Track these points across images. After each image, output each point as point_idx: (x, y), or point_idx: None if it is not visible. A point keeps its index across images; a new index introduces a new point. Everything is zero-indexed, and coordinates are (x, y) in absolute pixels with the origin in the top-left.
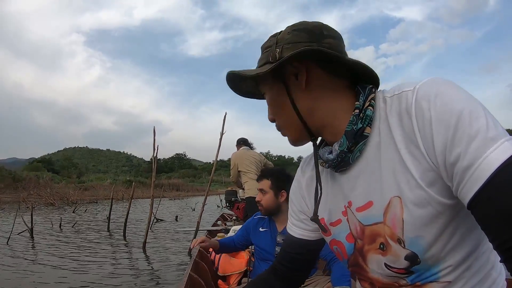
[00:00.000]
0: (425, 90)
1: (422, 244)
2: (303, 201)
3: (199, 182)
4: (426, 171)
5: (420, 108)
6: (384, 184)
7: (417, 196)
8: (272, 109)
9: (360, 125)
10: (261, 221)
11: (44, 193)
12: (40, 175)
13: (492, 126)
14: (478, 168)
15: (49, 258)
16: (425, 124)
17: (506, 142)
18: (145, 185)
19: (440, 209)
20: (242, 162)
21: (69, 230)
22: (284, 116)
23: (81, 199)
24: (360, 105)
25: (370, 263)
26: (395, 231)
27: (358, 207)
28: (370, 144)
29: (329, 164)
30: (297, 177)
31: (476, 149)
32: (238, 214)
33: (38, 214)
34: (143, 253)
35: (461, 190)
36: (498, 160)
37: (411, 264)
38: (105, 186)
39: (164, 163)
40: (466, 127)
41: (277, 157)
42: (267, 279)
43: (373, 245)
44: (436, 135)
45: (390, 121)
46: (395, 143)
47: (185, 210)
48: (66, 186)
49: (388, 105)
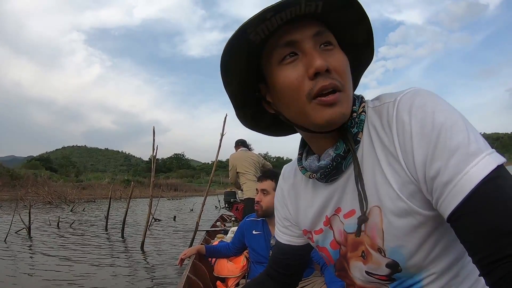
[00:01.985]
0: (405, 103)
1: (403, 253)
2: (286, 208)
3: (197, 183)
4: (405, 183)
5: (400, 121)
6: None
7: (397, 207)
8: (338, 63)
9: (356, 130)
10: (254, 224)
11: (42, 191)
12: (38, 173)
13: (473, 140)
14: (458, 183)
15: (47, 257)
16: (405, 137)
17: (487, 157)
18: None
19: (422, 220)
20: (241, 163)
21: (67, 229)
22: (348, 80)
23: (79, 198)
24: (356, 109)
25: (353, 270)
26: (375, 241)
27: (345, 213)
28: (358, 151)
29: (321, 172)
30: (279, 185)
31: (456, 164)
32: (237, 215)
33: (36, 213)
34: (141, 253)
35: (440, 204)
36: (479, 176)
37: (393, 271)
38: (103, 185)
39: (162, 163)
40: (447, 141)
41: (276, 158)
42: (262, 282)
43: (356, 253)
44: (416, 149)
45: (371, 132)
46: (375, 154)
47: (183, 210)
48: (64, 184)
49: (369, 117)
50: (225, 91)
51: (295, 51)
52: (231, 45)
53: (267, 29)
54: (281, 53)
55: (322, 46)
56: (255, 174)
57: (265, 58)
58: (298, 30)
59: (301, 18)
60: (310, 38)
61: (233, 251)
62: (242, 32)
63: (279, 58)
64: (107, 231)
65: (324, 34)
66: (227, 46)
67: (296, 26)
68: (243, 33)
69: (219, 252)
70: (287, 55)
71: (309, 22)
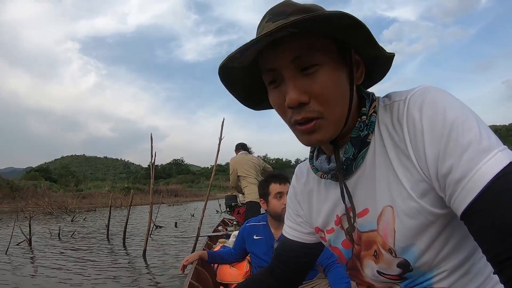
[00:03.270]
0: (415, 100)
1: (414, 252)
2: (299, 205)
3: (198, 187)
4: (417, 182)
5: (411, 118)
6: (377, 193)
7: (409, 207)
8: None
9: (366, 132)
10: (254, 229)
11: (42, 202)
12: (38, 184)
13: (485, 136)
14: (471, 180)
15: (49, 269)
16: (417, 135)
17: (499, 153)
18: (143, 192)
19: (432, 219)
20: (241, 167)
21: (68, 239)
22: (333, 103)
23: (80, 208)
24: (367, 111)
25: (366, 268)
26: (387, 241)
27: (357, 213)
28: (369, 151)
29: (332, 174)
30: (292, 184)
31: (468, 160)
32: (238, 219)
33: (36, 224)
34: (143, 261)
35: (453, 201)
36: (491, 172)
37: (404, 271)
38: (103, 194)
39: (162, 169)
40: (459, 138)
41: (275, 160)
42: (264, 278)
43: (369, 252)
44: (428, 146)
45: (382, 131)
46: (387, 153)
47: (185, 216)
48: (64, 194)
49: (380, 116)
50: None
51: (275, 78)
52: (223, 71)
53: (247, 59)
54: (266, 78)
55: (303, 71)
56: (256, 177)
57: None
58: (276, 55)
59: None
60: (289, 65)
61: (235, 256)
62: (226, 66)
63: (267, 81)
64: (109, 240)
65: (305, 56)
66: (219, 73)
67: (275, 51)
68: (228, 65)
69: (221, 258)
70: (270, 81)
71: (290, 45)
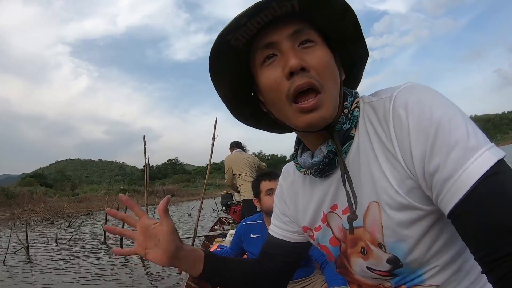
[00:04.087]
0: (401, 98)
1: (404, 248)
2: (285, 205)
3: (194, 187)
4: (404, 179)
5: (397, 116)
6: (363, 189)
7: (395, 202)
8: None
9: (349, 126)
10: (251, 228)
11: (38, 208)
12: (34, 190)
13: (472, 134)
14: (458, 180)
15: (47, 276)
16: (403, 133)
17: (486, 152)
18: (140, 193)
19: (421, 214)
20: (236, 165)
21: (66, 244)
22: (330, 77)
23: (76, 212)
24: (349, 105)
25: (354, 266)
26: (375, 236)
27: (342, 210)
28: (352, 147)
29: (315, 169)
30: (280, 183)
31: (456, 159)
32: (235, 217)
33: (33, 230)
34: (141, 263)
35: (440, 201)
36: (479, 172)
37: (394, 267)
38: (99, 197)
39: (157, 169)
40: (446, 136)
41: (270, 156)
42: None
43: (355, 249)
44: (415, 145)
45: (368, 127)
46: (373, 149)
47: (181, 216)
48: (60, 199)
49: (365, 112)
50: (218, 94)
51: (274, 52)
52: (215, 51)
53: (247, 34)
54: (262, 55)
55: (301, 45)
56: (251, 175)
57: (251, 61)
58: (276, 31)
59: (280, 18)
60: (288, 38)
61: (232, 256)
62: (222, 39)
63: (261, 60)
64: (106, 243)
65: (303, 32)
66: (211, 53)
67: (274, 28)
68: (223, 39)
69: None
70: (266, 57)
71: (287, 22)
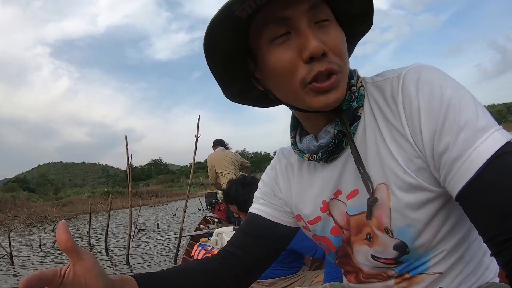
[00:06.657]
0: (411, 77)
1: (412, 232)
2: (277, 186)
3: (178, 186)
4: (412, 158)
5: (407, 95)
6: (370, 171)
7: (404, 182)
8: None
9: (356, 104)
10: None
11: (21, 213)
12: (16, 195)
13: (482, 115)
14: (468, 159)
15: None
16: (413, 112)
17: (496, 132)
18: (124, 195)
19: (430, 196)
20: (219, 163)
21: (50, 250)
22: (345, 58)
23: (60, 216)
24: (355, 83)
25: (357, 254)
26: (382, 221)
27: (347, 194)
28: (359, 128)
29: (322, 152)
30: (273, 165)
31: (465, 139)
32: (220, 216)
33: (17, 236)
34: (127, 266)
35: (449, 181)
36: (488, 152)
37: (400, 254)
38: (83, 200)
39: (141, 170)
40: (456, 116)
41: (253, 154)
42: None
43: (360, 236)
44: (424, 123)
45: (373, 107)
46: (379, 130)
47: (166, 216)
48: (43, 204)
49: (370, 92)
50: (211, 73)
51: (288, 29)
52: (215, 24)
53: (256, 4)
54: (272, 31)
55: (316, 23)
56: (235, 173)
57: (253, 34)
58: (290, 4)
59: None
60: (304, 14)
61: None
62: (228, 9)
63: (270, 37)
64: (91, 247)
65: (320, 7)
66: (211, 26)
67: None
68: (228, 10)
69: None
70: (279, 34)
71: None
